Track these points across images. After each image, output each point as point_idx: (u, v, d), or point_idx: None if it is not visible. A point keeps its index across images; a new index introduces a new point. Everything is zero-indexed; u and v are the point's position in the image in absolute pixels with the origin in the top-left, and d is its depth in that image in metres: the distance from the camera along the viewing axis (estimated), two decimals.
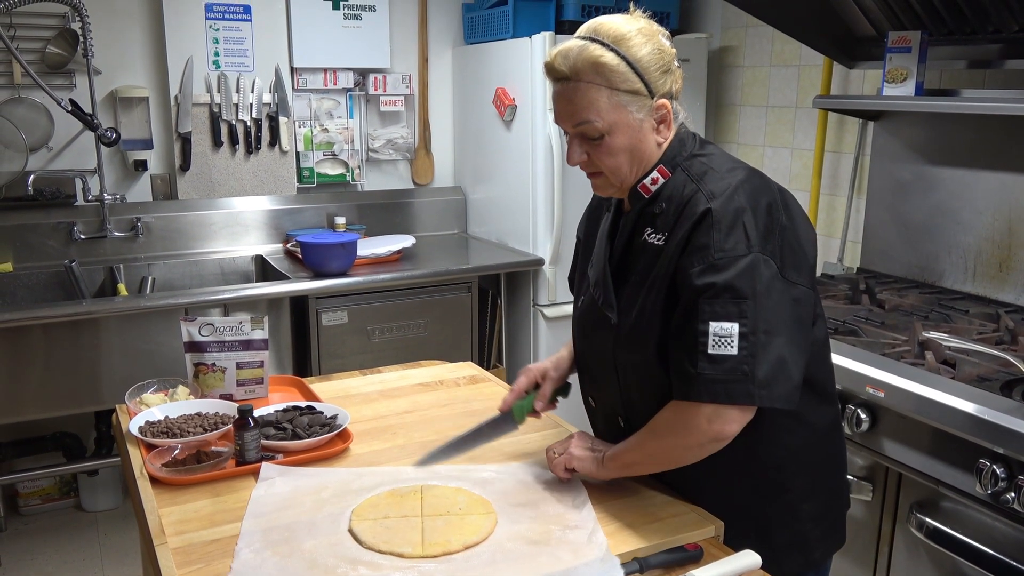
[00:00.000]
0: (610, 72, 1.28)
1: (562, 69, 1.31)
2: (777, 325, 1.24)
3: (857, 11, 2.63)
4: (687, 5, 3.59)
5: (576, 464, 1.42)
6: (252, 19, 3.30)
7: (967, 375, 1.85)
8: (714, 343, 1.23)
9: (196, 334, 1.80)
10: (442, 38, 3.74)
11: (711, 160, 1.36)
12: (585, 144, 1.35)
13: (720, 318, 1.23)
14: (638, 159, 1.35)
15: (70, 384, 2.65)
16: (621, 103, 1.30)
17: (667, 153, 1.36)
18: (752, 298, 1.23)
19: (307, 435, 1.58)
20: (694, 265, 1.26)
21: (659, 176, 1.36)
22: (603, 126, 1.30)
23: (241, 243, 3.42)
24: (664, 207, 1.34)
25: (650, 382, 1.38)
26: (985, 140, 2.45)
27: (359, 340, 3.02)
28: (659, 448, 1.34)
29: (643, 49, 1.30)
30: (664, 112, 1.33)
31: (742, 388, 1.23)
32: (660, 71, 1.31)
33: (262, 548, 1.25)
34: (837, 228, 3.02)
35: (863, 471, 2.00)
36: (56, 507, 3.24)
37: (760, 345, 1.23)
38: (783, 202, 1.33)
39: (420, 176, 3.81)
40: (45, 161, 3.15)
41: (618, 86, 1.29)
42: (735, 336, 1.22)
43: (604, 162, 1.34)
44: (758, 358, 1.23)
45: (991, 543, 1.71)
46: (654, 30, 1.34)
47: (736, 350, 1.22)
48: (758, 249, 1.24)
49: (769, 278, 1.24)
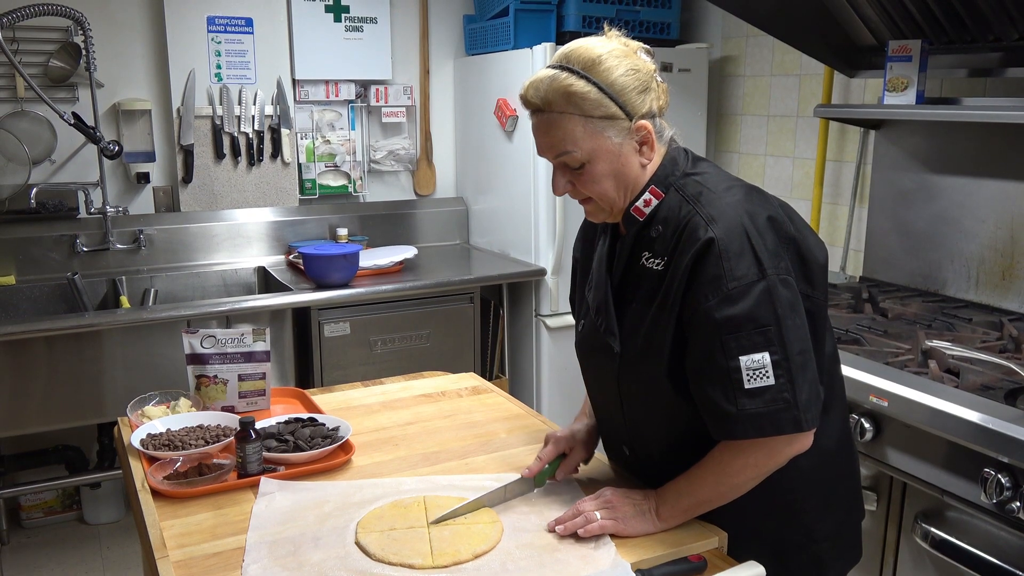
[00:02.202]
0: (581, 100, 1.25)
1: (535, 101, 1.28)
2: (804, 343, 1.23)
3: (857, 20, 2.63)
4: (688, 15, 3.60)
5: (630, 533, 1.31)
6: (254, 31, 3.32)
7: (971, 384, 1.85)
8: (749, 377, 1.20)
9: (198, 346, 1.80)
10: (443, 49, 3.75)
11: (705, 179, 1.32)
12: (568, 173, 1.32)
13: (749, 351, 1.20)
14: (623, 183, 1.32)
15: (73, 397, 2.65)
16: (597, 129, 1.27)
17: (658, 173, 1.33)
18: (776, 324, 1.20)
19: (309, 447, 1.58)
20: (708, 298, 1.22)
21: (652, 197, 1.32)
22: (582, 155, 1.28)
23: (243, 255, 3.43)
24: (661, 230, 1.31)
25: (656, 409, 1.36)
26: (986, 148, 2.45)
27: (361, 351, 3.02)
28: (716, 493, 1.30)
29: (616, 72, 1.26)
30: (645, 133, 1.29)
31: (787, 416, 1.20)
32: (637, 92, 1.28)
33: (269, 563, 1.24)
34: (839, 237, 3.02)
35: (867, 481, 1.99)
36: (59, 520, 3.23)
37: (797, 368, 1.21)
38: (787, 214, 1.31)
39: (422, 187, 3.82)
40: (48, 174, 3.16)
41: (591, 113, 1.26)
42: (769, 366, 1.20)
43: (589, 189, 1.32)
44: (796, 382, 1.20)
45: (996, 553, 1.70)
46: (630, 49, 1.31)
47: (773, 379, 1.20)
48: (771, 271, 1.21)
49: (788, 298, 1.22)
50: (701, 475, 1.30)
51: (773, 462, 1.26)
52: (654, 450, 1.41)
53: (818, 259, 1.31)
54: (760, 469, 1.26)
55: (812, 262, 1.29)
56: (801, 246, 1.28)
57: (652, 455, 1.42)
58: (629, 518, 1.31)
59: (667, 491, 1.34)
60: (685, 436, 1.34)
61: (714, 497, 1.31)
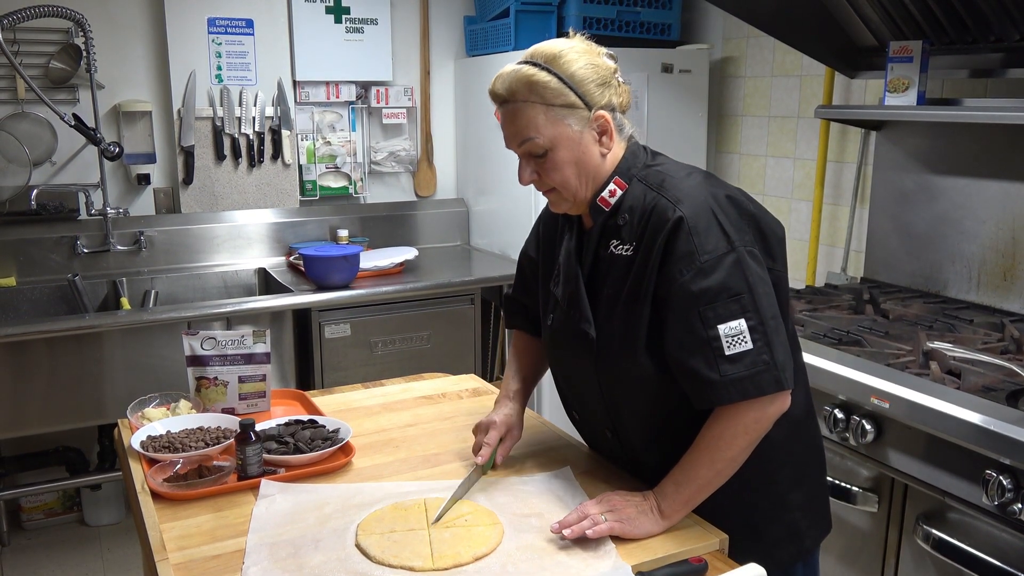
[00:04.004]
0: (543, 88, 1.33)
1: (501, 92, 1.36)
2: (775, 310, 1.30)
3: (858, 21, 2.63)
4: (688, 16, 3.59)
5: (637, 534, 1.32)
6: (254, 33, 3.32)
7: (972, 385, 1.84)
8: (728, 344, 1.26)
9: (198, 348, 1.80)
10: (444, 50, 3.75)
11: (665, 168, 1.40)
12: (532, 162, 1.39)
13: (726, 319, 1.26)
14: (585, 171, 1.38)
15: (73, 398, 2.64)
16: (558, 117, 1.34)
17: (620, 166, 1.40)
18: (749, 292, 1.28)
19: (309, 449, 1.58)
20: (683, 274, 1.28)
21: (616, 188, 1.39)
22: (544, 142, 1.35)
23: (244, 256, 3.43)
24: (627, 218, 1.38)
25: (636, 389, 1.40)
26: (987, 149, 2.44)
27: (362, 353, 3.02)
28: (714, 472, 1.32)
29: (575, 65, 1.34)
30: (603, 122, 1.36)
31: (769, 376, 1.27)
32: (596, 84, 1.35)
33: (269, 565, 1.24)
34: (840, 238, 3.01)
35: (868, 482, 1.99)
36: (59, 522, 3.23)
37: (772, 331, 1.28)
38: (743, 194, 1.39)
39: (422, 188, 3.81)
40: (48, 176, 3.16)
41: (552, 101, 1.33)
42: (746, 331, 1.26)
43: (552, 177, 1.38)
44: (773, 345, 1.27)
45: (998, 554, 1.70)
46: (592, 48, 1.39)
47: (751, 343, 1.26)
48: (739, 243, 1.29)
49: (756, 269, 1.29)
50: (695, 459, 1.33)
51: (760, 426, 1.31)
52: (637, 430, 1.46)
53: (776, 233, 1.39)
54: (750, 436, 1.31)
55: (771, 236, 1.38)
56: (760, 222, 1.37)
57: (635, 436, 1.47)
58: (634, 519, 1.32)
59: (665, 486, 1.35)
60: (666, 414, 1.40)
61: (712, 477, 1.33)
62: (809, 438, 1.50)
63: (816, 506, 1.51)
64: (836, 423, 1.98)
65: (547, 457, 1.63)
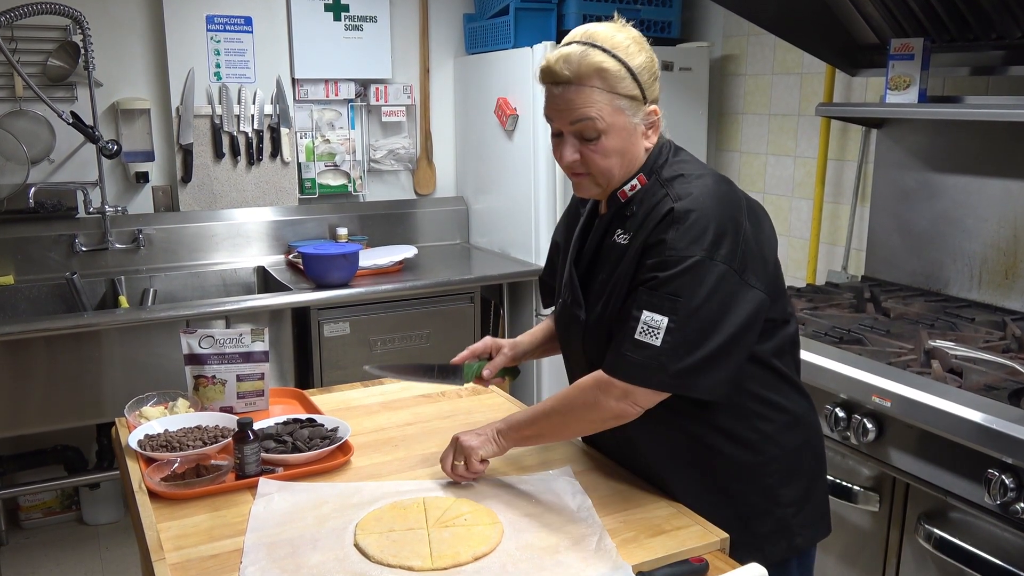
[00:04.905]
0: (612, 77, 1.33)
1: (565, 73, 1.35)
2: (715, 326, 1.29)
3: (859, 18, 2.62)
4: (688, 14, 3.59)
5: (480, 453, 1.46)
6: (253, 30, 3.31)
7: (974, 384, 1.84)
8: (642, 330, 1.29)
9: (196, 346, 1.79)
10: (443, 48, 3.74)
11: (682, 166, 1.41)
12: (579, 143, 1.38)
13: (653, 309, 1.29)
14: (628, 162, 1.40)
15: (71, 397, 2.64)
16: (620, 107, 1.35)
17: (647, 161, 1.42)
18: (688, 299, 1.27)
19: (307, 448, 1.57)
20: (651, 258, 1.32)
21: (637, 183, 1.42)
22: (603, 126, 1.35)
23: (243, 254, 3.42)
24: (635, 210, 1.40)
25: None
26: (989, 147, 2.44)
27: (361, 351, 3.01)
28: (562, 423, 1.43)
29: (639, 57, 1.36)
30: (655, 118, 1.40)
31: (657, 377, 1.30)
32: (652, 78, 1.38)
33: (267, 565, 1.24)
34: (841, 236, 3.01)
35: (870, 481, 1.99)
36: (57, 520, 3.22)
37: (687, 343, 1.28)
38: (748, 208, 1.38)
39: (422, 186, 3.81)
40: (46, 174, 3.15)
41: (619, 91, 1.34)
42: (662, 329, 1.28)
43: (597, 163, 1.38)
44: (679, 353, 1.28)
45: (1000, 554, 1.69)
46: (644, 40, 1.40)
47: (659, 343, 1.28)
48: (708, 254, 1.28)
49: (715, 282, 1.28)
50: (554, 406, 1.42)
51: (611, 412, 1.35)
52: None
53: (766, 255, 1.37)
54: (601, 413, 1.36)
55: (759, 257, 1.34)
56: (752, 240, 1.34)
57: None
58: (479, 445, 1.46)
59: (515, 417, 1.48)
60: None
61: (549, 431, 1.46)
62: (805, 438, 1.49)
63: (811, 506, 1.49)
64: (837, 422, 1.98)
65: (547, 456, 1.62)
